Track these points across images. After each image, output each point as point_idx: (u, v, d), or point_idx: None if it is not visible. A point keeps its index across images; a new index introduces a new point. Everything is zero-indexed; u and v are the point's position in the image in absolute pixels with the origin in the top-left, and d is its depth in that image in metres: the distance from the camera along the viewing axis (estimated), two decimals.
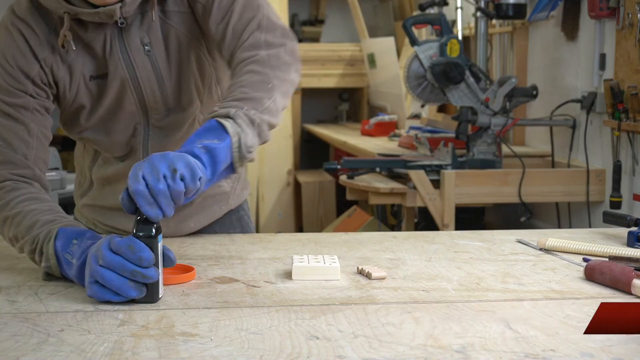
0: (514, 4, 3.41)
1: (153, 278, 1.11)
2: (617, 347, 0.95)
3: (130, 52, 1.44)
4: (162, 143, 1.52)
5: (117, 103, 1.47)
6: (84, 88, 1.45)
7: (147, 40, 1.44)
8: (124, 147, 1.53)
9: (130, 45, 1.43)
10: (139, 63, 1.44)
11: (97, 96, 1.46)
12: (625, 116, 2.94)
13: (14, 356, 0.91)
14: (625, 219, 1.57)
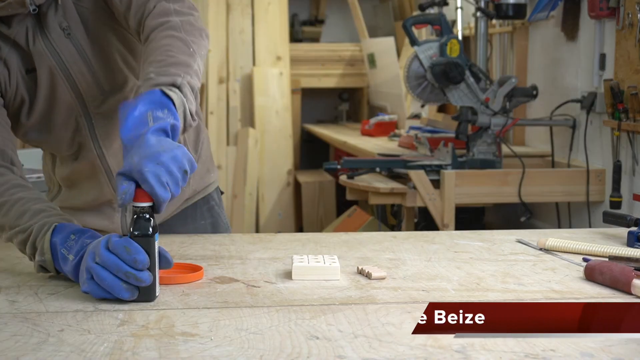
0: (514, 4, 3.41)
1: (146, 282, 1.10)
2: (617, 347, 0.95)
3: (52, 39, 1.43)
4: (109, 129, 1.49)
5: (52, 94, 1.46)
6: (22, 82, 1.45)
7: (66, 25, 1.44)
8: (69, 143, 1.51)
9: (50, 32, 1.43)
10: (62, 48, 1.44)
11: (33, 90, 1.46)
12: (625, 116, 2.94)
13: (14, 356, 0.91)
14: (625, 219, 1.57)
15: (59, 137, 1.51)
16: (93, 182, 1.54)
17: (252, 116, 5.28)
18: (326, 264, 1.27)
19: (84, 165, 1.54)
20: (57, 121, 1.49)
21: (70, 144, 1.51)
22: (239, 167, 5.13)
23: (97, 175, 1.53)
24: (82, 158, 1.52)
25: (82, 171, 1.55)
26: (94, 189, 1.55)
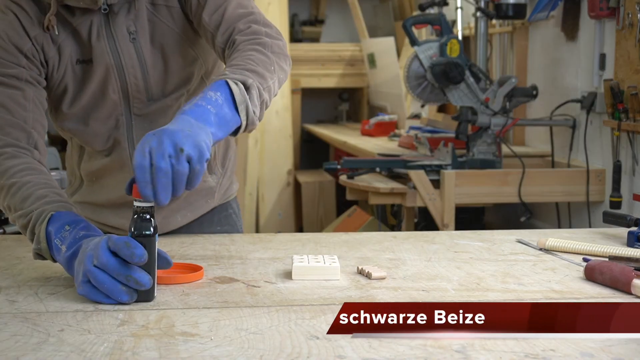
0: (514, 4, 3.41)
1: (146, 286, 1.11)
2: (617, 347, 0.95)
3: (117, 39, 1.46)
4: (146, 131, 1.46)
5: (100, 90, 1.48)
6: (70, 71, 1.47)
7: (133, 29, 1.46)
8: (105, 139, 1.53)
9: (117, 32, 1.46)
10: (124, 50, 1.46)
11: (81, 81, 1.48)
12: (625, 116, 2.94)
13: (14, 356, 0.91)
14: (625, 219, 1.57)
15: (96, 131, 1.52)
16: (120, 181, 1.56)
17: None
18: (326, 264, 1.27)
19: (115, 163, 1.55)
20: (99, 116, 1.51)
21: (106, 139, 1.53)
22: (239, 167, 5.14)
23: (125, 174, 1.55)
24: (114, 155, 1.54)
25: (111, 168, 1.57)
26: (121, 188, 1.55)
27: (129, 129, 1.53)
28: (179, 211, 1.63)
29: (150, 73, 1.49)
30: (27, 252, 1.43)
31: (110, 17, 1.46)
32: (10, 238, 1.59)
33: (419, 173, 3.16)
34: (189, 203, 1.63)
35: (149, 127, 1.51)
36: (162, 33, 1.49)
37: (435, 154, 3.38)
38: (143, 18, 1.47)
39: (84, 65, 1.47)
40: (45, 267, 1.31)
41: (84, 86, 1.48)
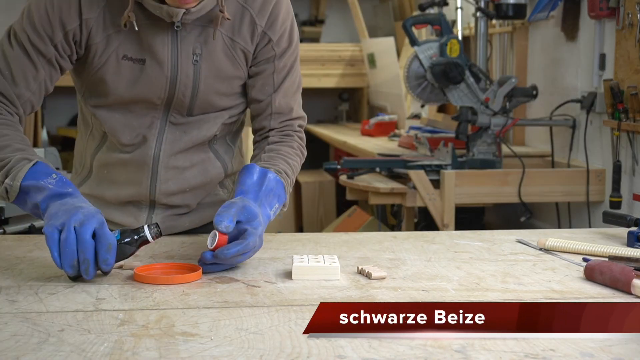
0: (514, 4, 3.41)
1: (89, 278, 1.22)
2: (617, 347, 0.95)
3: (180, 55, 1.49)
4: (177, 140, 1.56)
5: (146, 92, 1.50)
6: (113, 63, 1.48)
7: (199, 52, 1.50)
8: (135, 134, 1.54)
9: (182, 48, 1.49)
10: (183, 68, 1.49)
11: (125, 76, 1.49)
12: (625, 116, 2.94)
13: (14, 356, 0.91)
14: (625, 219, 1.58)
15: (129, 124, 1.54)
16: (134, 179, 1.57)
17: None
18: (326, 264, 1.27)
19: (135, 160, 1.56)
20: (136, 111, 1.54)
21: (135, 134, 1.55)
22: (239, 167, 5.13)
23: (142, 174, 1.57)
24: (137, 153, 1.56)
25: (129, 165, 1.57)
26: (133, 186, 1.58)
27: (161, 133, 1.55)
28: (187, 216, 1.64)
29: (200, 95, 1.53)
30: (28, 252, 1.43)
31: (180, 32, 1.48)
32: (10, 238, 1.59)
33: (419, 173, 3.16)
34: (199, 211, 1.65)
35: (181, 135, 1.56)
36: (230, 66, 1.53)
37: (435, 154, 3.38)
38: (215, 45, 1.50)
39: (132, 62, 1.48)
40: (46, 268, 1.31)
41: (129, 82, 1.50)
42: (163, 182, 1.57)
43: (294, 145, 1.58)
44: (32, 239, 1.56)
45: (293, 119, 1.60)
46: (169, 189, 1.57)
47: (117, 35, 1.47)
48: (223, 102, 1.56)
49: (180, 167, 1.57)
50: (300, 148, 1.60)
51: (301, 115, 1.63)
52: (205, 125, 1.56)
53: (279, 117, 1.58)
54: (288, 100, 1.59)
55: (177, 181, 1.58)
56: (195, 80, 1.51)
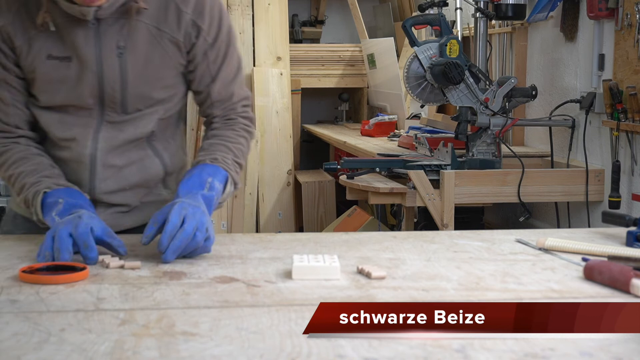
0: (513, 4, 3.41)
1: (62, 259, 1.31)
2: (616, 347, 0.95)
3: (102, 50, 1.48)
4: (113, 138, 1.56)
5: (76, 89, 1.51)
6: (40, 64, 1.49)
7: (123, 44, 1.49)
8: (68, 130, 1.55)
9: (104, 43, 1.48)
10: (107, 62, 1.49)
11: (54, 75, 1.50)
12: (624, 116, 2.94)
13: (15, 355, 0.91)
14: (624, 219, 1.58)
15: (61, 120, 1.55)
16: (74, 178, 1.58)
17: None
18: (326, 264, 1.28)
19: (73, 159, 1.57)
20: (69, 109, 1.55)
21: (70, 131, 1.55)
22: None
23: (80, 173, 1.57)
24: (72, 151, 1.56)
25: (68, 162, 1.58)
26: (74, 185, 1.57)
27: (97, 131, 1.55)
28: (130, 215, 1.65)
29: (130, 89, 1.52)
30: (28, 252, 1.43)
31: (100, 28, 1.48)
32: (11, 238, 1.59)
33: (418, 173, 3.16)
34: (141, 210, 1.66)
35: (117, 133, 1.56)
36: (158, 56, 1.52)
37: (435, 154, 3.39)
38: (138, 37, 1.50)
39: (59, 61, 1.49)
40: None
41: (58, 82, 1.50)
42: (101, 180, 1.57)
43: (235, 128, 1.62)
44: (32, 239, 1.56)
45: (234, 102, 1.64)
46: (108, 188, 1.58)
47: (39, 36, 1.48)
48: (156, 94, 1.56)
49: (117, 166, 1.57)
50: (244, 128, 1.64)
51: (243, 97, 1.66)
52: (141, 122, 1.56)
53: (220, 105, 1.63)
54: (227, 87, 1.62)
55: (116, 179, 1.58)
56: (123, 73, 1.50)
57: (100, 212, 1.59)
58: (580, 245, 1.46)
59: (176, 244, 1.32)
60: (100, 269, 1.32)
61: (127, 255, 1.39)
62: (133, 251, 1.42)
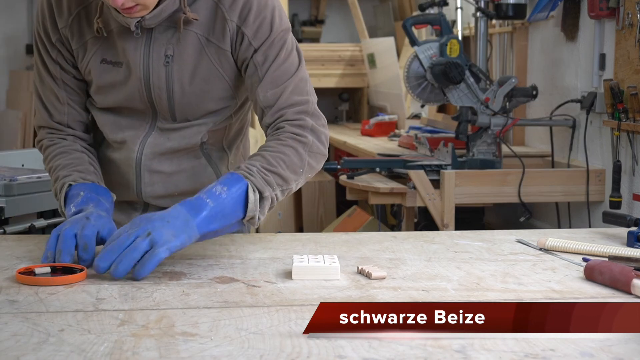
0: (513, 4, 3.41)
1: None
2: (617, 347, 0.95)
3: (151, 58, 1.49)
4: (159, 145, 1.56)
5: (128, 94, 1.53)
6: (95, 66, 1.52)
7: (171, 53, 1.48)
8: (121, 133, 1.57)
9: (153, 51, 1.49)
10: (154, 70, 1.49)
11: (107, 79, 1.53)
12: (625, 116, 2.94)
13: (14, 356, 0.91)
14: (625, 219, 1.58)
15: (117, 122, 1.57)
16: (123, 180, 1.60)
17: (252, 116, 5.28)
18: (326, 264, 1.27)
19: (123, 161, 1.60)
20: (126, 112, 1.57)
21: (122, 133, 1.57)
22: None
23: (128, 176, 1.59)
24: (123, 153, 1.59)
25: (119, 164, 1.60)
26: (124, 187, 1.61)
27: (146, 136, 1.56)
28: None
29: (177, 99, 1.51)
30: (28, 252, 1.43)
31: (152, 35, 1.48)
32: (11, 238, 1.59)
33: (419, 173, 3.16)
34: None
35: (164, 141, 1.56)
36: (206, 67, 1.49)
37: (435, 154, 3.38)
38: (187, 46, 1.48)
39: (112, 66, 1.52)
40: None
41: (111, 85, 1.53)
42: (148, 185, 1.58)
43: (281, 137, 1.45)
44: (32, 239, 1.56)
45: (284, 107, 1.48)
46: (155, 192, 1.59)
47: (95, 41, 1.51)
48: (204, 106, 1.54)
49: (166, 172, 1.58)
50: (292, 137, 1.45)
51: (294, 101, 1.49)
52: (188, 132, 1.55)
53: (268, 110, 1.48)
54: (274, 90, 1.47)
55: (164, 185, 1.59)
56: (169, 82, 1.50)
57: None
58: (581, 246, 1.46)
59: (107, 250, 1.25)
60: None
61: None
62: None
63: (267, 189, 1.37)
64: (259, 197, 1.35)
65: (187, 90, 1.51)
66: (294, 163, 1.43)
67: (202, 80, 1.50)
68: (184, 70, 1.49)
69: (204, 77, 1.50)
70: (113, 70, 1.51)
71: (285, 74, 1.49)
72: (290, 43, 1.50)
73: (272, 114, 1.48)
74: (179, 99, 1.51)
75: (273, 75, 1.47)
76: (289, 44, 1.50)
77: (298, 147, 1.44)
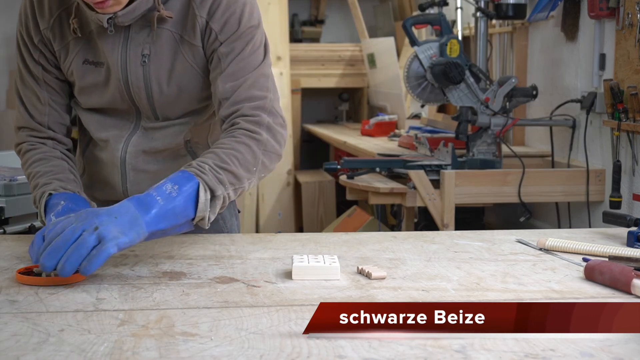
0: (513, 4, 3.41)
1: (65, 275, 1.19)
2: (617, 347, 0.95)
3: (129, 57, 1.49)
4: (143, 144, 1.57)
5: (110, 94, 1.53)
6: (77, 67, 1.53)
7: (147, 52, 1.49)
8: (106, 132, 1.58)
9: (131, 50, 1.49)
10: (132, 70, 1.50)
11: (90, 80, 1.53)
12: (625, 116, 2.94)
13: (14, 356, 0.91)
14: (625, 219, 1.58)
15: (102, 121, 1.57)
16: (110, 179, 1.61)
17: None
18: (326, 264, 1.27)
19: (109, 160, 1.60)
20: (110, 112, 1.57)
21: (107, 132, 1.58)
22: None
23: (114, 175, 1.60)
24: (109, 153, 1.59)
25: (105, 163, 1.61)
26: (110, 186, 1.62)
27: (130, 135, 1.57)
28: None
29: (156, 98, 1.52)
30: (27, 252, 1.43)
31: (130, 34, 1.48)
32: (11, 238, 1.59)
33: (419, 173, 3.16)
34: None
35: (148, 140, 1.57)
36: (181, 66, 1.50)
37: (435, 154, 3.38)
38: (163, 45, 1.48)
39: (94, 66, 1.52)
40: None
41: (92, 85, 1.53)
42: (134, 184, 1.59)
43: (235, 134, 1.43)
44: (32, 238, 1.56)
45: (241, 101, 1.45)
46: (142, 192, 1.57)
47: (77, 42, 1.51)
48: (184, 104, 1.54)
49: (151, 171, 1.59)
50: (246, 134, 1.42)
51: (253, 95, 1.46)
52: (170, 130, 1.56)
53: (225, 102, 1.46)
54: (234, 82, 1.45)
55: (150, 184, 1.54)
56: (147, 81, 1.50)
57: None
58: (581, 246, 1.46)
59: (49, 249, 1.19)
60: (100, 269, 1.32)
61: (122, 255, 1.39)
62: (132, 251, 1.42)
63: (220, 187, 1.33)
64: (210, 196, 1.32)
65: (165, 89, 1.51)
66: (247, 161, 1.40)
67: (179, 78, 1.50)
68: (160, 69, 1.49)
69: (180, 75, 1.50)
70: (95, 71, 1.52)
71: (247, 68, 1.47)
72: (258, 40, 1.49)
73: (228, 105, 1.46)
74: (157, 98, 1.52)
75: (235, 67, 1.46)
76: (257, 40, 1.49)
77: (252, 145, 1.42)
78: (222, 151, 1.38)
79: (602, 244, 1.46)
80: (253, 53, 1.48)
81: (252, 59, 1.48)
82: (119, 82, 1.51)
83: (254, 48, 1.48)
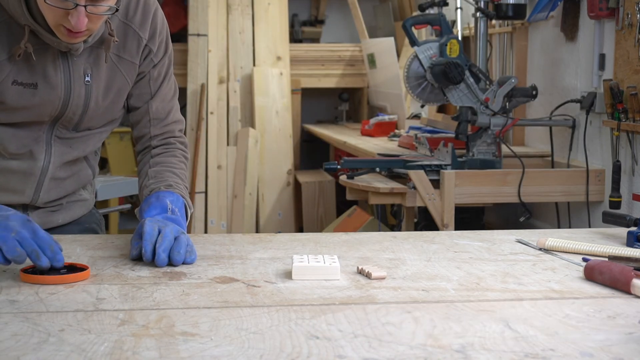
0: (513, 4, 3.41)
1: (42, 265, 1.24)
2: (617, 347, 0.95)
3: (73, 79, 1.52)
4: (65, 154, 1.61)
5: (36, 113, 1.53)
6: (5, 87, 1.48)
7: (89, 72, 1.54)
8: (21, 146, 1.56)
9: (74, 70, 1.52)
10: (75, 89, 1.53)
11: (13, 100, 1.50)
12: (624, 116, 2.94)
13: (14, 356, 0.91)
14: (624, 219, 1.58)
15: (17, 137, 1.55)
16: (17, 187, 1.59)
17: (252, 116, 5.28)
18: (326, 264, 1.27)
19: (22, 170, 1.58)
20: (23, 127, 1.55)
21: (22, 146, 1.56)
22: (239, 167, 5.14)
23: (26, 184, 1.59)
24: (25, 164, 1.57)
25: (16, 173, 1.59)
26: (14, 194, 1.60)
27: (49, 146, 1.58)
28: (60, 213, 1.70)
29: (89, 113, 1.58)
30: None
31: (69, 55, 1.51)
32: None
33: (418, 173, 3.16)
34: (68, 209, 1.72)
35: (68, 149, 1.61)
36: (118, 82, 1.59)
37: (435, 154, 3.38)
38: (102, 65, 1.55)
39: (23, 87, 1.49)
40: None
41: (19, 105, 1.51)
42: (46, 191, 1.62)
43: (176, 154, 1.67)
44: None
45: (171, 123, 1.68)
46: (50, 198, 1.64)
47: (7, 63, 1.47)
48: (110, 115, 1.62)
49: (61, 178, 1.63)
50: (183, 154, 1.68)
51: (179, 119, 1.71)
52: (90, 140, 1.63)
53: (158, 123, 1.67)
54: (165, 105, 1.67)
55: (57, 190, 1.64)
56: (87, 99, 1.55)
57: (32, 210, 1.64)
58: (580, 246, 1.46)
59: (162, 245, 1.34)
60: (100, 269, 1.32)
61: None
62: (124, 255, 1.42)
63: (191, 206, 1.58)
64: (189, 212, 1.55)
65: (100, 104, 1.58)
66: (186, 178, 1.66)
67: (114, 94, 1.59)
68: (99, 87, 1.56)
69: (116, 91, 1.59)
70: (25, 92, 1.50)
71: (171, 92, 1.70)
72: (172, 61, 1.70)
73: (161, 126, 1.68)
74: (91, 113, 1.58)
75: (164, 90, 1.67)
76: (172, 62, 1.70)
77: (186, 163, 1.70)
78: (179, 172, 1.63)
79: (601, 244, 1.46)
80: (172, 75, 1.70)
81: (172, 82, 1.70)
82: (58, 100, 1.52)
83: (172, 71, 1.70)
